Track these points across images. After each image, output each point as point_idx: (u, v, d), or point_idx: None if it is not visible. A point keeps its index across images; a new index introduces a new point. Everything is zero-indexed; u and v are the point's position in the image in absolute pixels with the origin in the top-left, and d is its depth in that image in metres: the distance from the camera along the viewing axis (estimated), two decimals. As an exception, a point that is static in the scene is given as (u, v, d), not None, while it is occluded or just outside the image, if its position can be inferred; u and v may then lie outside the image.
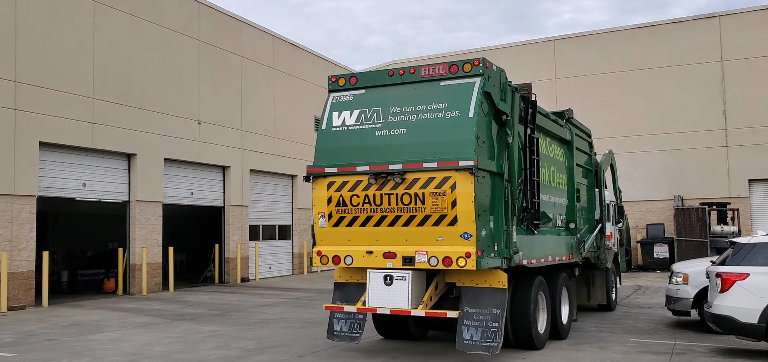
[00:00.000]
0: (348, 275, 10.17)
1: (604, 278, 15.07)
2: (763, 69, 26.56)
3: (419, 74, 9.59)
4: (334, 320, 10.07)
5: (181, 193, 22.64)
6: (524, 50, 31.01)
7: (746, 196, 26.71)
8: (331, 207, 9.60)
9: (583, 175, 14.12)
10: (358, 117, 9.67)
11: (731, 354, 10.18)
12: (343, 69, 32.71)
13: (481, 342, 8.99)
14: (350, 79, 10.07)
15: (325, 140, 9.87)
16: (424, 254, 9.03)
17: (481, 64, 9.22)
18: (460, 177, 8.77)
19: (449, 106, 9.20)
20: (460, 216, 8.82)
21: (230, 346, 11.35)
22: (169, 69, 22.04)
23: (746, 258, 10.04)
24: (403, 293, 9.12)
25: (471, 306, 9.22)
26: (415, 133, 9.29)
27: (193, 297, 19.61)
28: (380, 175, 9.20)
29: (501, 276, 9.33)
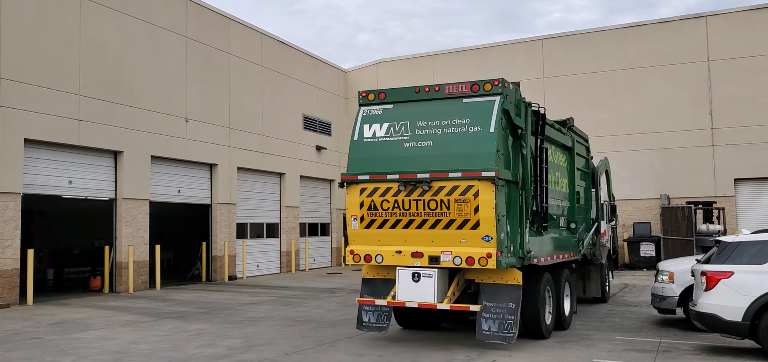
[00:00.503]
0: (375, 272, 11.03)
1: (599, 273, 16.20)
2: (748, 69, 26.75)
3: (443, 92, 10.57)
4: (363, 312, 10.95)
5: (169, 191, 22.52)
6: (513, 49, 31.07)
7: (732, 195, 26.90)
8: (363, 210, 10.56)
9: (581, 178, 15.01)
10: (388, 129, 10.68)
11: (716, 352, 10.25)
12: (332, 67, 32.67)
13: (499, 333, 9.98)
14: (379, 95, 11.00)
15: (358, 150, 10.80)
16: (448, 254, 10.02)
17: (500, 84, 10.22)
18: (482, 185, 9.77)
19: (472, 121, 10.19)
20: (482, 221, 9.80)
21: (216, 344, 11.31)
22: (157, 66, 21.92)
23: (731, 256, 10.11)
24: (430, 289, 10.11)
25: (489, 301, 10.16)
26: (440, 145, 10.26)
27: (179, 296, 19.52)
28: (409, 182, 10.18)
29: (516, 274, 10.26)
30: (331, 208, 32.26)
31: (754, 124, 26.61)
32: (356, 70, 34.04)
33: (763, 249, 9.93)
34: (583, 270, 15.74)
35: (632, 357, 9.96)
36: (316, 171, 30.65)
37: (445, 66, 32.12)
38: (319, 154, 30.84)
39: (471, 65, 31.59)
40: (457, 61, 32.00)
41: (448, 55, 32.36)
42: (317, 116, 30.96)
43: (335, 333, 12.37)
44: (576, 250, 14.03)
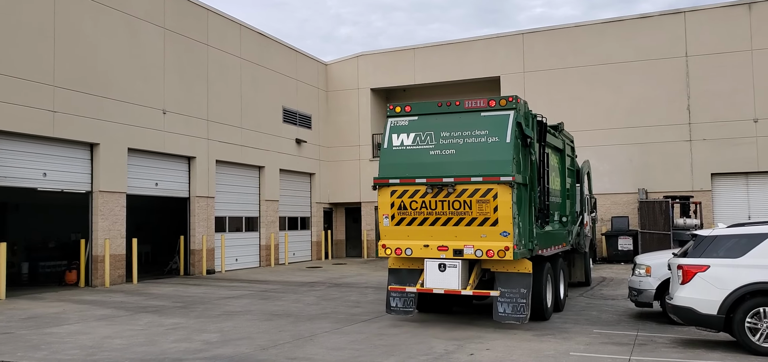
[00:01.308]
0: (401, 263, 12.38)
1: (583, 260, 18.52)
2: (725, 64, 27.00)
3: (464, 106, 12.01)
4: (390, 298, 12.36)
5: (146, 184, 22.25)
6: (494, 43, 31.08)
7: (708, 190, 27.16)
8: (393, 210, 11.98)
9: (569, 175, 16.55)
10: (414, 139, 12.10)
11: (691, 345, 10.32)
12: (313, 59, 32.48)
13: (513, 315, 11.44)
14: (405, 108, 12.42)
15: (388, 157, 12.23)
16: (471, 247, 11.44)
17: (514, 100, 11.68)
18: (500, 189, 11.21)
19: (490, 132, 11.61)
20: (501, 219, 11.25)
21: (192, 339, 11.18)
22: (134, 57, 21.62)
23: (707, 250, 10.17)
24: (454, 277, 11.58)
25: (504, 287, 11.60)
26: (462, 153, 11.68)
27: (156, 289, 19.31)
28: (436, 185, 11.61)
29: (527, 264, 11.71)
30: (311, 202, 32.11)
31: (730, 119, 26.88)
32: (337, 63, 33.88)
33: (738, 243, 10.00)
34: (569, 258, 17.43)
35: (609, 351, 10.00)
36: (296, 164, 30.49)
37: (427, 59, 32.07)
38: (299, 147, 30.67)
39: (452, 59, 31.59)
40: (439, 54, 31.96)
41: (430, 49, 32.30)
42: (297, 109, 30.77)
43: (313, 328, 12.28)
44: (567, 241, 15.92)
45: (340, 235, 34.04)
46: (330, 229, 33.61)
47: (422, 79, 32.16)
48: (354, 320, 13.21)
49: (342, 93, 33.44)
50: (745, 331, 9.60)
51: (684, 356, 9.56)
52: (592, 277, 21.02)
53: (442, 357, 9.51)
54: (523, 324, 11.69)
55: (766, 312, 9.50)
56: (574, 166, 17.60)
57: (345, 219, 34.14)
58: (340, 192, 33.31)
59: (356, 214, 33.65)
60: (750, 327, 9.59)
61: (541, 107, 29.23)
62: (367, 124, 32.89)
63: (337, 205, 33.99)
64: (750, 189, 27.09)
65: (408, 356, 9.59)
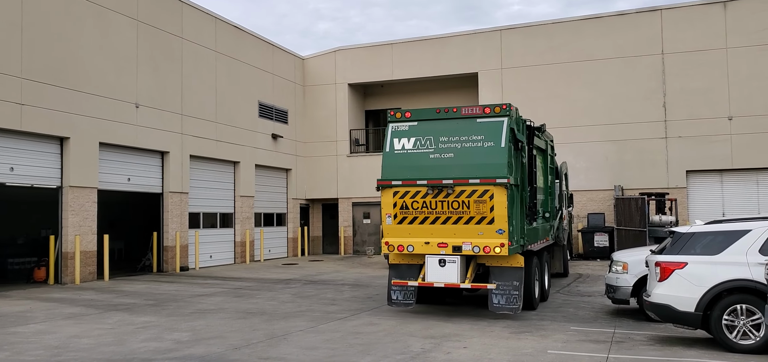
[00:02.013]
0: (401, 259, 13.07)
1: (562, 252, 19.99)
2: (701, 62, 27.18)
3: (461, 113, 12.71)
4: (392, 291, 13.02)
5: (118, 179, 21.79)
6: (471, 40, 30.97)
7: (684, 187, 27.34)
8: (396, 209, 12.66)
9: (550, 173, 17.56)
10: (415, 143, 12.78)
11: (668, 343, 10.27)
12: (289, 54, 32.12)
13: (507, 306, 12.23)
14: (405, 114, 13.09)
15: (390, 159, 12.90)
16: (468, 244, 12.19)
17: (508, 108, 12.44)
18: (496, 190, 12.02)
19: (486, 138, 12.37)
20: (496, 218, 12.03)
21: (163, 338, 10.88)
22: (106, 49, 21.14)
23: (685, 247, 10.12)
24: (454, 272, 12.32)
25: (498, 281, 12.38)
26: (460, 156, 12.41)
27: (128, 287, 18.91)
28: (436, 187, 12.35)
29: (519, 259, 12.52)
30: (287, 198, 31.78)
31: (705, 117, 27.07)
32: (314, 58, 33.55)
33: (716, 240, 9.97)
34: (550, 250, 18.20)
35: (587, 348, 9.91)
36: (273, 160, 30.14)
37: (404, 55, 31.88)
38: (275, 142, 30.32)
39: (430, 55, 31.44)
40: (416, 50, 31.79)
41: (407, 44, 32.12)
42: (273, 104, 30.41)
43: (288, 326, 12.05)
44: (550, 235, 17.09)
45: (316, 232, 33.75)
46: (307, 226, 33.30)
47: (400, 75, 31.98)
48: (330, 318, 13.00)
49: (319, 88, 33.14)
50: (722, 328, 9.57)
51: (662, 354, 9.49)
52: (570, 273, 21.38)
53: (418, 356, 9.34)
54: (516, 315, 12.42)
55: (743, 310, 9.48)
56: (554, 164, 18.54)
57: (322, 215, 33.84)
58: (317, 188, 33.01)
59: (333, 211, 33.38)
60: (727, 325, 9.55)
61: (518, 104, 29.12)
62: (344, 120, 32.62)
63: (314, 201, 33.69)
64: (724, 187, 27.32)
65: (384, 355, 9.41)
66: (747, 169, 26.80)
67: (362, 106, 34.51)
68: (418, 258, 12.86)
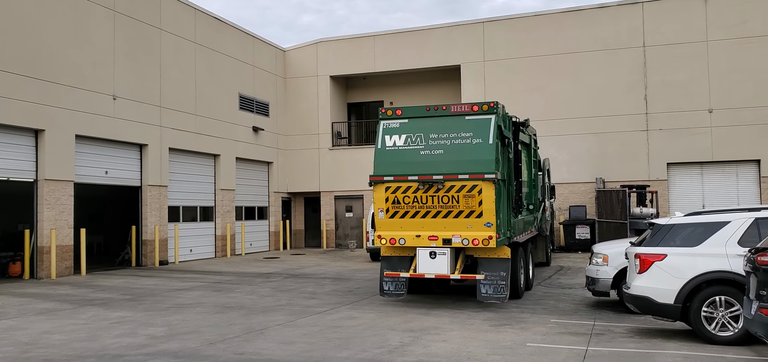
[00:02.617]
0: (393, 251, 13.49)
1: (545, 242, 20.89)
2: (682, 55, 27.27)
3: (450, 111, 13.11)
4: (384, 283, 13.46)
5: (95, 172, 21.45)
6: (453, 32, 30.85)
7: (664, 179, 27.47)
8: (388, 204, 13.05)
9: (533, 166, 18.05)
10: (406, 140, 13.18)
11: (648, 335, 10.24)
12: (271, 46, 31.83)
13: (494, 295, 12.74)
14: (396, 111, 13.49)
15: (382, 156, 13.27)
16: (458, 237, 12.62)
17: (495, 106, 12.87)
18: (484, 185, 12.46)
19: (474, 135, 12.78)
20: (485, 212, 12.50)
21: (137, 333, 10.67)
22: (81, 41, 20.76)
23: (664, 239, 10.08)
24: (444, 263, 12.79)
25: (486, 271, 12.86)
26: (450, 153, 12.82)
27: (106, 281, 18.63)
28: (426, 182, 12.75)
29: (506, 250, 13.01)
30: (269, 191, 31.53)
31: (686, 109, 27.19)
32: (295, 50, 33.27)
33: (695, 231, 9.93)
34: (533, 240, 18.72)
35: (566, 341, 9.84)
36: (254, 153, 29.87)
37: (386, 47, 31.71)
38: (256, 135, 30.05)
39: (412, 47, 31.29)
40: (399, 42, 31.63)
41: (390, 36, 31.94)
42: (254, 96, 30.12)
43: (266, 321, 11.88)
44: (535, 227, 17.80)
45: (299, 225, 33.54)
46: (289, 219, 33.08)
47: (382, 67, 31.79)
48: (309, 312, 12.85)
49: (301, 80, 32.88)
50: (701, 320, 9.54)
51: (641, 346, 9.45)
52: (551, 265, 21.58)
53: (396, 350, 9.22)
54: (503, 303, 12.97)
55: (722, 301, 9.46)
56: (538, 157, 19.12)
57: (304, 209, 33.63)
58: (299, 181, 32.79)
59: (316, 204, 33.18)
60: (706, 316, 9.53)
61: (501, 97, 29.17)
62: (326, 112, 32.40)
63: (296, 195, 33.47)
64: (705, 179, 27.48)
65: (362, 349, 9.28)
66: (727, 161, 26.98)
67: (344, 99, 34.30)
68: (410, 251, 13.28)
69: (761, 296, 7.18)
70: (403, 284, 13.39)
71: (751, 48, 26.54)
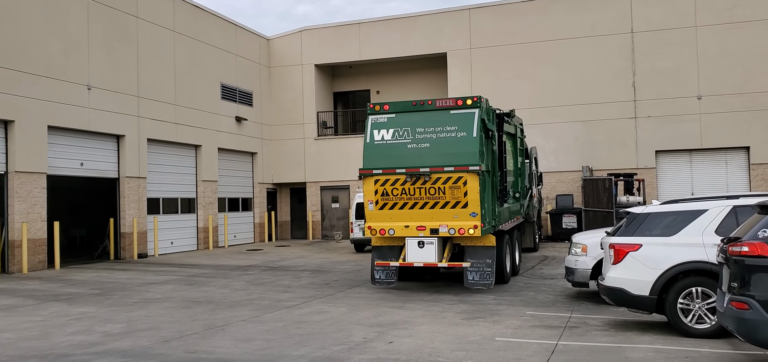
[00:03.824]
0: (383, 241, 13.90)
1: (532, 228, 21.69)
2: (670, 41, 26.84)
3: (435, 105, 13.57)
4: (375, 272, 13.99)
5: (70, 164, 20.94)
6: (439, 19, 30.35)
7: (653, 167, 27.08)
8: (377, 196, 13.48)
9: (520, 155, 18.49)
10: (393, 134, 13.58)
11: (624, 328, 9.85)
12: (254, 34, 31.30)
13: (480, 281, 13.26)
14: (384, 107, 13.89)
15: (371, 150, 13.68)
16: (445, 226, 13.10)
17: (479, 100, 13.31)
18: (469, 176, 12.90)
19: (459, 128, 13.24)
20: (470, 202, 12.95)
21: (93, 331, 10.24)
22: (54, 29, 20.22)
23: (640, 228, 9.70)
24: (432, 252, 13.26)
25: (473, 259, 13.36)
26: (436, 146, 13.26)
27: (79, 275, 18.18)
28: (414, 174, 13.19)
29: (491, 238, 13.50)
30: (253, 182, 31.07)
31: (674, 96, 26.78)
32: (279, 38, 32.73)
33: (672, 220, 9.55)
34: (521, 227, 19.25)
35: (537, 335, 9.46)
36: (237, 143, 29.38)
37: (372, 35, 31.20)
38: (239, 125, 29.55)
39: (398, 35, 30.79)
40: (384, 29, 31.12)
41: (375, 24, 31.43)
42: (237, 85, 29.60)
43: (231, 316, 11.47)
44: (521, 214, 18.33)
45: (284, 216, 33.09)
46: (274, 211, 32.63)
47: (368, 55, 31.30)
48: (278, 306, 12.44)
49: (285, 69, 32.35)
50: (677, 312, 9.17)
51: (614, 340, 9.07)
52: (534, 255, 21.34)
53: (358, 347, 8.81)
54: (489, 289, 13.40)
55: (699, 293, 9.08)
56: (524, 146, 19.52)
57: (290, 200, 33.19)
58: (285, 172, 32.32)
59: (301, 195, 32.73)
60: (682, 308, 9.16)
61: (488, 84, 28.78)
62: (311, 102, 31.90)
63: (282, 186, 33.01)
64: (693, 166, 27.12)
65: (321, 346, 8.87)
66: (716, 148, 26.61)
67: (330, 88, 33.80)
68: (399, 241, 13.69)
69: (733, 288, 6.78)
70: (393, 272, 13.86)
71: (740, 33, 26.12)
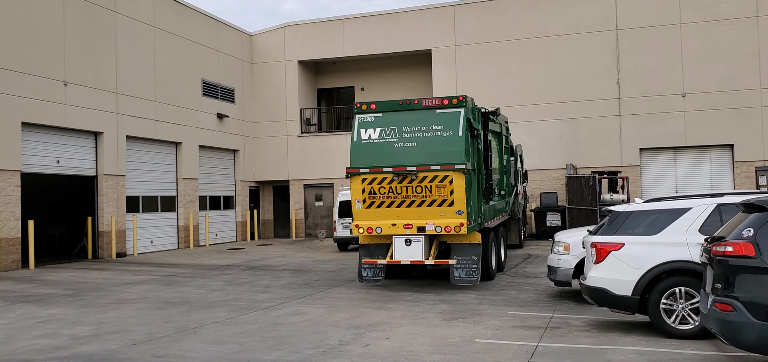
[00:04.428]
0: (370, 239, 14.00)
1: (518, 225, 22.05)
2: (655, 38, 26.75)
3: (421, 104, 13.67)
4: (362, 269, 14.06)
5: (45, 161, 20.49)
6: (424, 15, 30.10)
7: (637, 165, 27.01)
8: (364, 195, 13.56)
9: (505, 152, 18.58)
10: (380, 133, 13.66)
11: (607, 328, 9.64)
12: (236, 30, 30.90)
13: (466, 278, 13.39)
14: (371, 106, 13.96)
15: (358, 149, 13.77)
16: (431, 225, 13.22)
17: (464, 99, 13.43)
18: (455, 175, 13.02)
19: (445, 127, 13.35)
20: (456, 200, 13.07)
21: (59, 334, 9.89)
22: (27, 23, 19.75)
23: (622, 227, 9.48)
24: (419, 250, 13.38)
25: (459, 256, 13.52)
26: (423, 145, 13.38)
27: (53, 276, 17.76)
28: (400, 173, 13.28)
29: (477, 236, 13.70)
30: (235, 180, 30.67)
31: (659, 93, 26.70)
32: (262, 34, 32.34)
33: (654, 219, 9.34)
34: (507, 223, 19.77)
35: (518, 336, 9.22)
36: (218, 140, 28.98)
37: (356, 31, 30.89)
38: (221, 122, 29.15)
39: (381, 31, 30.51)
40: (368, 26, 30.83)
41: (359, 20, 31.13)
42: (218, 82, 29.18)
43: (205, 317, 11.15)
44: (506, 211, 18.57)
45: (268, 215, 32.73)
46: (257, 209, 32.25)
47: (352, 52, 31.00)
48: (255, 308, 12.14)
49: (268, 65, 31.96)
50: (660, 313, 8.97)
51: (596, 341, 8.85)
52: (519, 252, 21.16)
53: (332, 350, 8.53)
54: (474, 286, 13.56)
55: (682, 293, 8.88)
56: (509, 143, 19.61)
57: (273, 198, 32.82)
58: (268, 169, 31.95)
59: (285, 193, 32.37)
60: (665, 309, 8.96)
61: (472, 82, 28.57)
62: (294, 98, 31.54)
63: (265, 184, 32.64)
64: (678, 164, 27.06)
65: (294, 350, 8.58)
66: (700, 146, 26.57)
67: (314, 85, 33.46)
68: (386, 239, 13.82)
69: (716, 289, 6.57)
70: (380, 270, 13.97)
71: (725, 31, 26.07)
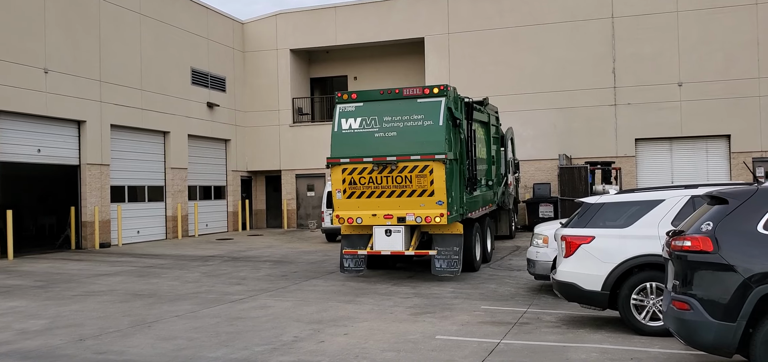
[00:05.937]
0: (352, 230, 13.96)
1: (508, 215, 21.95)
2: (651, 26, 26.21)
3: (402, 94, 13.62)
4: (344, 260, 14.01)
5: (25, 150, 20.17)
6: (417, 3, 29.59)
7: (632, 155, 26.52)
8: (345, 185, 13.55)
9: (494, 142, 18.48)
10: (361, 123, 13.63)
11: (577, 324, 9.25)
12: (227, 18, 30.48)
13: (448, 269, 13.33)
14: (352, 96, 13.97)
15: (338, 139, 13.73)
16: (412, 215, 13.20)
17: (445, 89, 13.36)
18: (435, 165, 12.96)
19: (425, 117, 13.30)
20: (436, 191, 13.01)
21: (10, 328, 9.56)
22: (5, 7, 19.39)
23: (593, 219, 9.09)
24: (399, 240, 13.34)
25: (440, 247, 13.46)
26: (403, 135, 13.34)
27: (29, 267, 17.45)
28: (380, 163, 13.22)
29: (458, 226, 13.63)
30: (226, 170, 30.32)
31: (655, 83, 26.17)
32: (254, 22, 31.91)
33: (627, 211, 8.95)
34: (496, 215, 19.96)
35: (482, 332, 8.84)
36: (208, 130, 28.62)
37: (348, 19, 30.44)
38: (211, 111, 28.78)
39: (375, 19, 30.05)
40: (361, 14, 30.36)
41: (351, 8, 30.66)
42: (209, 70, 28.79)
43: (167, 311, 10.80)
44: (494, 202, 18.34)
45: (260, 205, 32.39)
46: (249, 199, 31.91)
47: (344, 40, 30.55)
48: (223, 301, 11.80)
49: (260, 54, 31.54)
50: (630, 309, 8.58)
51: (562, 338, 8.46)
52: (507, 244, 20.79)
53: (283, 347, 8.17)
54: (456, 276, 13.48)
55: (653, 288, 8.48)
56: (499, 134, 19.54)
57: (265, 188, 32.47)
58: (259, 159, 31.59)
59: (277, 183, 32.01)
60: (636, 305, 8.57)
61: (466, 71, 28.12)
62: (286, 87, 31.14)
63: (257, 174, 32.29)
64: (674, 155, 26.58)
65: (244, 346, 8.22)
66: (696, 136, 26.06)
67: (307, 73, 33.04)
68: (367, 229, 13.75)
69: (675, 286, 6.17)
70: (362, 260, 13.91)
71: (721, 19, 25.51)
